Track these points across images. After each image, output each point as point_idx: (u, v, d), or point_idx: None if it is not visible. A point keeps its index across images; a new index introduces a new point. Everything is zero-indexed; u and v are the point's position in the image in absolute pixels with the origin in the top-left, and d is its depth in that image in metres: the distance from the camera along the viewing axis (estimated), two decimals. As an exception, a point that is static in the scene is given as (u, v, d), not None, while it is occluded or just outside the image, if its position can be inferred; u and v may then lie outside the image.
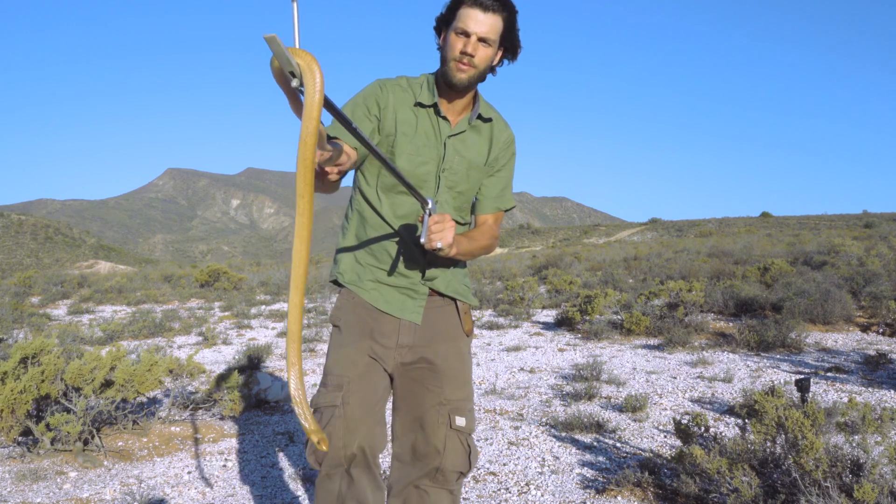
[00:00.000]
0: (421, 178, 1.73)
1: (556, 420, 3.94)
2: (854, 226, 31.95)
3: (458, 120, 1.77)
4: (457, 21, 1.64)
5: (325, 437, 1.05)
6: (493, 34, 1.64)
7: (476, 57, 1.64)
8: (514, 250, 40.77)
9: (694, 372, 5.26)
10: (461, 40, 1.64)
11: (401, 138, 1.71)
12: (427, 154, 1.73)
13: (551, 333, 7.64)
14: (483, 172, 1.83)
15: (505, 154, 1.86)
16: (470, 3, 1.63)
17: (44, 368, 3.56)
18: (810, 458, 2.31)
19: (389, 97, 1.71)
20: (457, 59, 1.65)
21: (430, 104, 1.73)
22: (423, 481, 1.74)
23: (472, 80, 1.69)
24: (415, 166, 1.72)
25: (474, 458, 1.78)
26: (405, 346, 1.77)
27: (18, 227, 74.16)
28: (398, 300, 1.78)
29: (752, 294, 7.85)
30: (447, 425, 1.74)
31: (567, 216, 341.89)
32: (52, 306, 12.96)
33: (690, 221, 49.89)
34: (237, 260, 29.86)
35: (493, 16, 1.63)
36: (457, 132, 1.76)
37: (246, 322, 9.54)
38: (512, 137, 1.87)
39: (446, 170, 1.75)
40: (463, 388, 1.79)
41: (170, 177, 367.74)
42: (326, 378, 1.72)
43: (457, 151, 1.76)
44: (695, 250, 18.44)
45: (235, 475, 3.32)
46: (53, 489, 3.12)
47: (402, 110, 1.72)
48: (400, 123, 1.71)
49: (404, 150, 1.71)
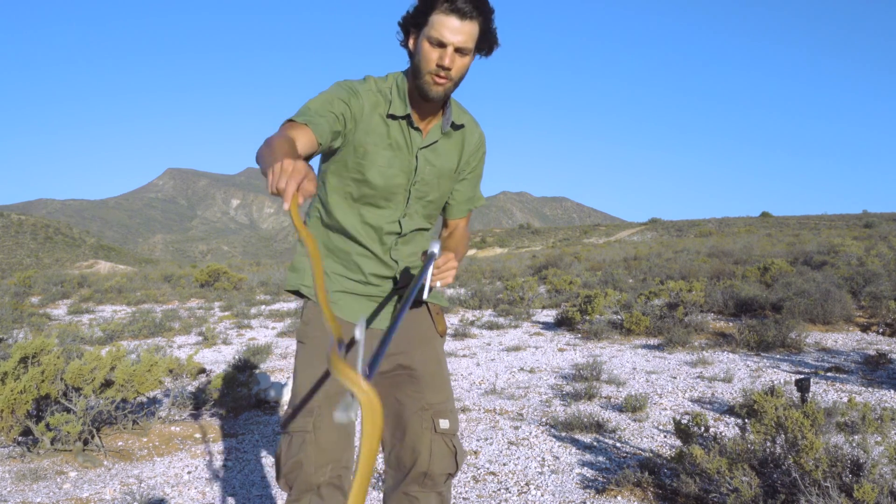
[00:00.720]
0: (391, 191, 1.66)
1: (556, 420, 3.94)
2: (854, 226, 31.95)
3: (430, 128, 1.68)
4: (430, 28, 1.52)
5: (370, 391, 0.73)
6: (470, 42, 1.53)
7: (453, 69, 1.54)
8: (514, 250, 40.77)
9: (694, 372, 5.26)
10: (436, 51, 1.53)
11: (372, 150, 1.62)
12: (398, 166, 1.65)
13: (551, 333, 7.64)
14: (454, 179, 1.77)
15: (475, 156, 1.80)
16: (445, 10, 1.50)
17: (44, 368, 3.56)
18: (810, 458, 2.31)
19: (364, 106, 1.61)
20: (432, 73, 1.54)
21: (403, 115, 1.63)
22: (411, 487, 1.72)
23: (449, 92, 1.60)
24: (385, 179, 1.64)
25: (461, 457, 1.77)
26: None
27: (18, 227, 74.15)
28: (368, 309, 1.73)
29: (752, 294, 7.85)
30: (431, 430, 1.72)
31: (567, 216, 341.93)
32: (52, 306, 12.96)
33: (690, 221, 49.89)
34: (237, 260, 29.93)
35: (470, 23, 1.51)
36: (429, 143, 1.68)
37: (246, 322, 9.54)
38: (482, 138, 1.81)
39: (417, 182, 1.68)
40: (443, 391, 1.77)
41: (170, 177, 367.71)
42: (296, 400, 1.65)
43: (428, 161, 1.69)
44: (695, 250, 18.44)
45: (235, 475, 3.33)
46: (53, 489, 3.12)
47: (374, 120, 1.62)
48: (371, 134, 1.62)
49: (375, 162, 1.63)
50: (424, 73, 1.55)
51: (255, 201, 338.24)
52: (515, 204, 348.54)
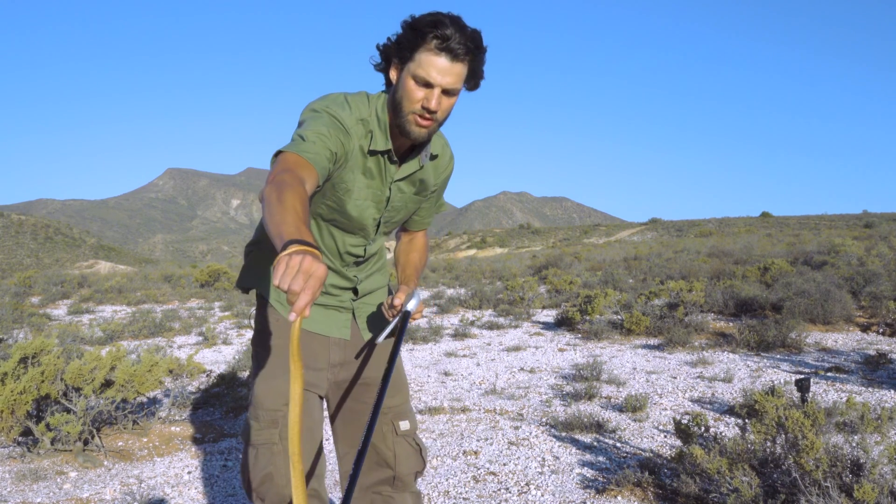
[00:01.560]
0: (363, 222, 1.61)
1: (556, 420, 3.94)
2: (854, 226, 31.94)
3: (407, 161, 1.61)
4: (416, 66, 1.42)
5: None
6: (458, 84, 1.44)
7: (439, 111, 1.45)
8: (514, 250, 40.77)
9: (694, 372, 5.26)
10: (421, 91, 1.43)
11: (353, 187, 1.55)
12: (371, 198, 1.59)
13: (551, 333, 7.64)
14: (419, 202, 1.73)
15: (443, 177, 1.75)
16: (434, 49, 1.40)
17: (44, 368, 3.56)
18: (810, 458, 2.31)
19: (354, 144, 1.51)
20: (416, 113, 1.45)
21: (384, 151, 1.55)
22: (383, 488, 1.72)
23: (432, 134, 1.52)
24: (360, 211, 1.58)
25: (426, 453, 1.78)
26: (337, 365, 1.71)
27: (18, 227, 74.16)
28: (324, 317, 1.71)
29: (752, 294, 7.85)
30: (393, 433, 1.71)
31: (567, 216, 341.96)
32: (52, 306, 12.96)
33: (690, 221, 49.88)
34: (237, 260, 29.90)
35: (460, 64, 1.42)
36: (404, 176, 1.62)
37: (246, 322, 9.54)
38: (452, 159, 1.75)
39: (388, 210, 1.64)
40: (400, 393, 1.76)
41: (170, 177, 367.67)
42: (258, 412, 1.58)
43: (400, 190, 1.64)
44: (695, 250, 18.44)
45: (235, 475, 3.32)
46: (53, 489, 3.12)
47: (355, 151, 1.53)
48: (353, 171, 1.54)
49: (352, 196, 1.56)
50: (407, 112, 1.46)
51: (256, 201, 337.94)
52: (515, 204, 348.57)
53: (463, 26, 1.42)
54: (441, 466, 3.30)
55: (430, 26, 1.40)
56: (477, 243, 51.24)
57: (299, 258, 1.02)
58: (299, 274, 1.01)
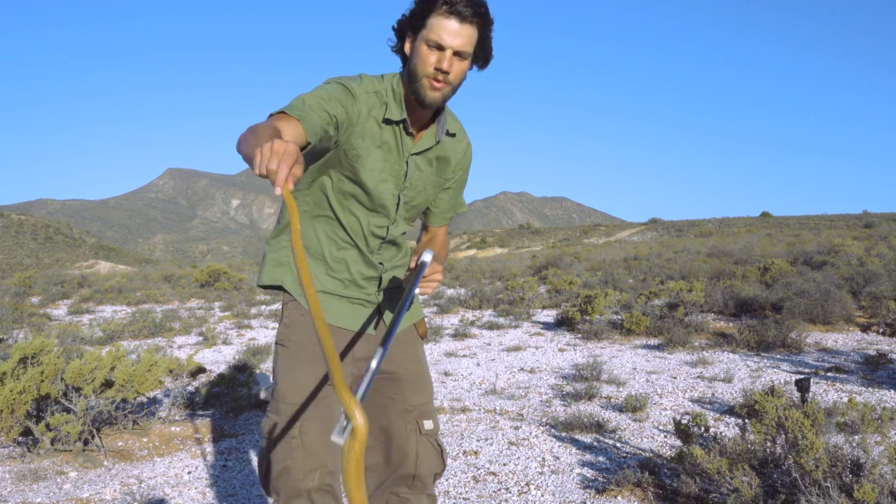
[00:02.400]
0: (381, 195, 1.63)
1: (556, 420, 3.94)
2: (854, 226, 31.94)
3: (423, 135, 1.65)
4: (428, 31, 1.49)
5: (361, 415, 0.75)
6: (468, 46, 1.51)
7: (451, 73, 1.51)
8: (514, 250, 40.76)
9: (694, 372, 5.26)
10: (434, 54, 1.50)
11: (364, 153, 1.59)
12: (388, 171, 1.62)
13: (551, 333, 7.64)
14: (439, 186, 1.75)
15: (462, 165, 1.78)
16: (444, 13, 1.48)
17: (44, 368, 3.56)
18: (810, 458, 2.31)
19: (361, 109, 1.56)
20: (430, 76, 1.51)
21: (399, 120, 1.59)
22: (400, 489, 1.72)
23: (447, 98, 1.57)
24: (376, 183, 1.61)
25: (446, 456, 1.78)
26: (362, 359, 1.71)
27: (18, 227, 74.16)
28: (350, 312, 1.71)
29: (752, 294, 7.85)
30: (416, 431, 1.71)
31: (567, 216, 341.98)
32: (52, 306, 12.96)
33: (690, 221, 49.88)
34: (237, 260, 29.98)
35: (469, 26, 1.49)
36: (421, 150, 1.65)
37: (246, 322, 9.54)
38: (470, 148, 1.79)
39: (406, 187, 1.67)
40: (425, 392, 1.77)
41: (170, 177, 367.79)
42: (279, 405, 1.60)
43: (417, 167, 1.66)
44: (695, 250, 18.43)
45: (235, 475, 3.33)
46: (53, 489, 3.12)
47: (369, 123, 1.58)
48: (364, 138, 1.58)
49: (366, 165, 1.59)
50: (421, 76, 1.51)
51: (255, 201, 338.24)
52: (515, 204, 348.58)
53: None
54: (441, 466, 3.30)
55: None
56: (477, 243, 51.25)
57: (269, 144, 1.10)
58: (273, 154, 1.08)
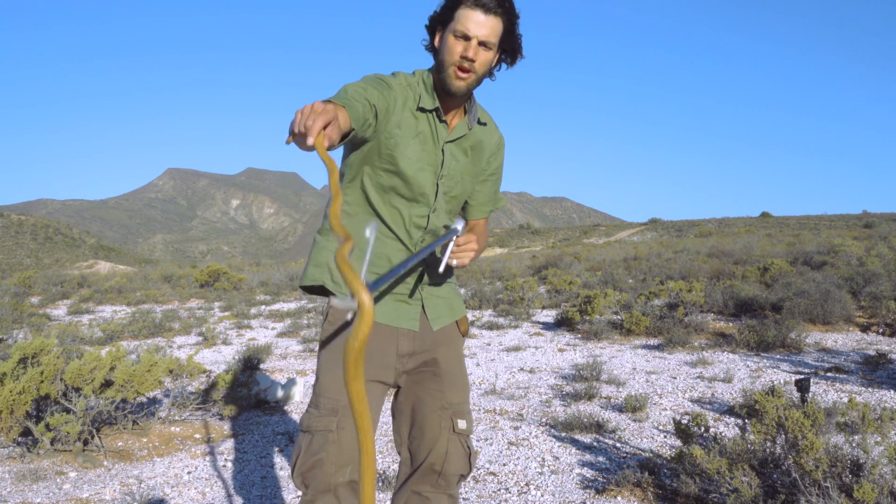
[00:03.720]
0: (420, 183, 1.69)
1: (556, 420, 3.94)
2: (854, 226, 31.94)
3: (455, 123, 1.73)
4: (455, 23, 1.59)
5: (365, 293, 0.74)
6: (493, 37, 1.59)
7: (477, 62, 1.59)
8: (514, 250, 40.76)
9: (694, 372, 5.26)
10: (461, 44, 1.59)
11: (401, 142, 1.65)
12: (426, 159, 1.68)
13: (551, 333, 7.64)
14: (476, 177, 1.80)
15: (496, 158, 1.84)
16: (470, 4, 1.57)
17: (43, 369, 3.55)
18: (810, 458, 2.31)
19: (397, 99, 1.63)
20: (456, 65, 1.59)
21: (432, 109, 1.67)
22: (423, 487, 1.72)
23: (472, 87, 1.64)
24: (415, 171, 1.67)
25: (474, 459, 1.78)
26: (406, 355, 1.73)
27: (18, 227, 74.17)
28: (393, 309, 1.74)
29: (752, 294, 7.85)
30: (450, 429, 1.73)
31: (567, 216, 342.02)
32: (52, 306, 12.95)
33: (690, 221, 49.89)
34: (237, 260, 29.95)
35: (494, 18, 1.58)
36: (455, 138, 1.72)
37: (246, 322, 9.54)
38: (502, 140, 1.86)
39: (444, 176, 1.72)
40: (463, 391, 1.79)
41: (170, 177, 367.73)
42: (319, 399, 1.64)
43: (453, 156, 1.73)
44: (695, 250, 18.43)
45: (235, 475, 3.33)
46: (53, 489, 3.12)
47: (405, 114, 1.65)
48: (401, 127, 1.65)
49: (404, 153, 1.65)
50: (448, 65, 1.60)
51: (255, 201, 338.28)
52: (515, 204, 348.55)
53: None
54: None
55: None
56: (477, 243, 51.13)
57: (309, 105, 1.16)
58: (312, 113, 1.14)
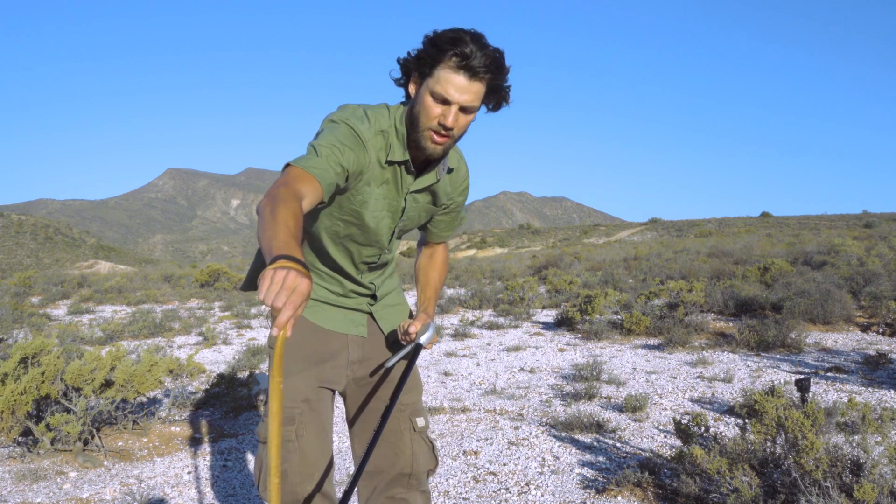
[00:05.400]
0: (379, 233, 1.63)
1: (556, 420, 3.94)
2: (854, 226, 31.93)
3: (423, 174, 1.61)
4: (435, 82, 1.42)
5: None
6: (475, 102, 1.44)
7: (455, 129, 1.46)
8: (514, 250, 40.76)
9: (694, 372, 5.26)
10: (439, 108, 1.43)
11: (370, 199, 1.57)
12: (387, 208, 1.60)
13: (551, 333, 7.64)
14: (434, 212, 1.75)
15: (459, 191, 1.75)
16: (454, 66, 1.40)
17: (44, 369, 3.56)
18: (810, 458, 2.31)
19: (371, 156, 1.51)
20: (432, 130, 1.46)
21: (402, 161, 1.55)
22: (396, 490, 1.72)
23: (447, 151, 1.53)
24: (377, 222, 1.60)
25: (437, 452, 1.80)
26: (356, 362, 1.74)
27: (18, 227, 74.18)
28: (342, 316, 1.74)
29: (752, 294, 7.85)
30: (410, 429, 1.73)
31: (567, 216, 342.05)
32: (52, 306, 12.95)
33: (690, 221, 49.86)
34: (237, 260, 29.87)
35: (478, 83, 1.42)
36: (420, 189, 1.62)
37: (246, 322, 9.54)
38: (467, 174, 1.75)
39: (402, 220, 1.66)
40: (416, 389, 1.79)
41: (170, 177, 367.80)
42: None
43: (415, 200, 1.65)
44: (695, 250, 18.43)
45: (235, 475, 3.33)
46: (53, 489, 3.12)
47: (373, 165, 1.54)
48: (371, 182, 1.55)
49: (370, 209, 1.58)
50: (424, 128, 1.47)
51: (255, 201, 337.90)
52: (515, 204, 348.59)
53: (484, 45, 1.41)
54: (441, 466, 3.30)
55: (451, 43, 1.39)
56: (477, 243, 51.24)
57: (283, 273, 1.03)
58: (283, 290, 1.01)
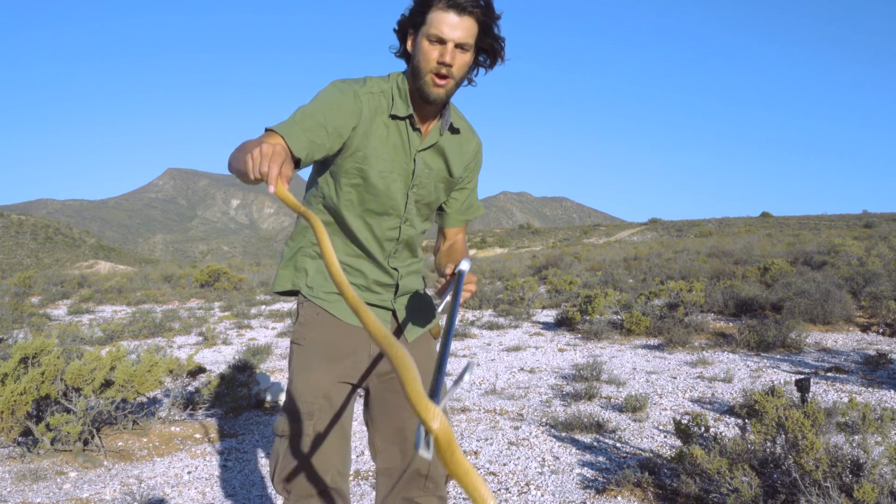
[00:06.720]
0: (391, 195, 1.63)
1: (556, 420, 3.94)
2: (854, 226, 31.92)
3: (429, 130, 1.65)
4: (428, 27, 1.50)
5: None
6: (470, 38, 1.51)
7: (454, 66, 1.51)
8: (514, 250, 40.76)
9: (694, 372, 5.26)
10: (436, 48, 1.50)
11: (371, 153, 1.58)
12: (397, 170, 1.62)
13: (551, 333, 7.64)
14: (450, 184, 1.74)
15: (472, 164, 1.77)
16: (443, 6, 1.48)
17: (44, 369, 3.56)
18: (810, 458, 2.31)
19: (364, 110, 1.56)
20: (433, 71, 1.51)
21: (406, 116, 1.59)
22: (413, 493, 1.71)
23: (451, 93, 1.57)
24: (387, 184, 1.61)
25: None
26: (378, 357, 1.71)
27: (18, 227, 74.19)
28: None
29: (752, 294, 7.85)
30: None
31: (567, 216, 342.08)
32: (52, 306, 12.95)
33: (690, 221, 49.86)
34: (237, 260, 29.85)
35: (468, 18, 1.50)
36: (427, 146, 1.64)
37: (246, 322, 9.54)
38: (480, 146, 1.78)
39: (416, 185, 1.65)
40: None
41: (170, 177, 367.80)
42: (293, 403, 1.61)
43: (426, 164, 1.65)
44: (695, 250, 18.42)
45: (235, 475, 3.33)
46: (53, 489, 3.12)
47: (374, 123, 1.58)
48: (370, 138, 1.58)
49: (374, 166, 1.59)
50: (425, 72, 1.52)
51: (255, 201, 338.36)
52: (515, 204, 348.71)
53: None
54: (441, 466, 3.30)
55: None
56: (477, 243, 51.23)
57: (257, 149, 1.19)
58: (262, 158, 1.17)
